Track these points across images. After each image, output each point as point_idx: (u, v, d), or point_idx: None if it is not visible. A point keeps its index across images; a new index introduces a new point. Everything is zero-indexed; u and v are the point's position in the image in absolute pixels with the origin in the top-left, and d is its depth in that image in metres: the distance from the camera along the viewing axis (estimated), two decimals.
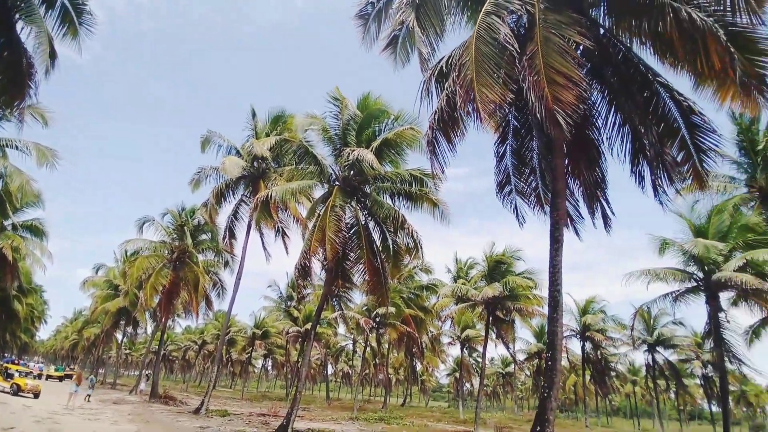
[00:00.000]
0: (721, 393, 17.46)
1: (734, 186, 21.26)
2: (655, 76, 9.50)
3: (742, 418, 69.63)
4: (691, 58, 7.97)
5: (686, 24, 7.52)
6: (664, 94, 9.46)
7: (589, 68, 9.86)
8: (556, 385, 8.43)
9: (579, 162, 10.06)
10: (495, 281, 23.97)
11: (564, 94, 7.08)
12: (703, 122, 9.19)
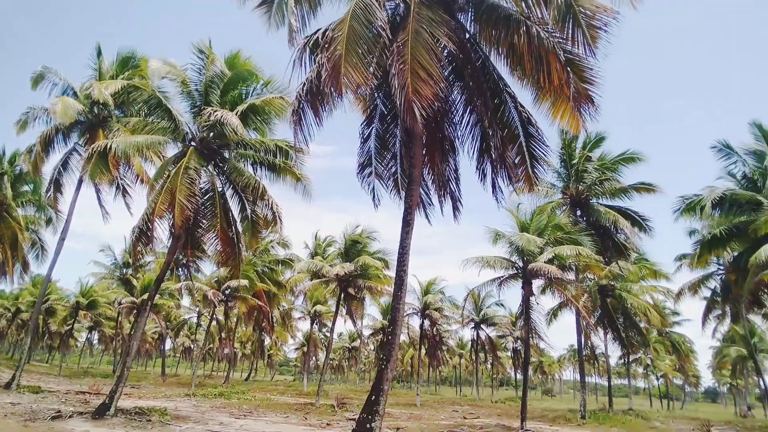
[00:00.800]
0: (524, 363, 20.83)
1: (553, 191, 25.24)
2: (505, 86, 10.66)
3: (538, 384, 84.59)
4: (535, 73, 9.07)
5: (535, 41, 8.54)
6: (510, 103, 10.68)
7: (452, 68, 10.64)
8: (394, 357, 9.10)
9: (435, 153, 10.84)
10: (350, 260, 24.74)
11: (424, 88, 7.51)
12: (537, 133, 10.64)
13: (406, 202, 9.64)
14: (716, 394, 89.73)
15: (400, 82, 7.52)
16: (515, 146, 10.67)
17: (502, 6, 9.43)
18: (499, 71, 10.59)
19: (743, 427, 26.57)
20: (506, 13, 9.12)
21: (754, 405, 54.61)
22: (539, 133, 10.57)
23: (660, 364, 53.39)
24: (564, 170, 24.95)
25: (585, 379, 26.45)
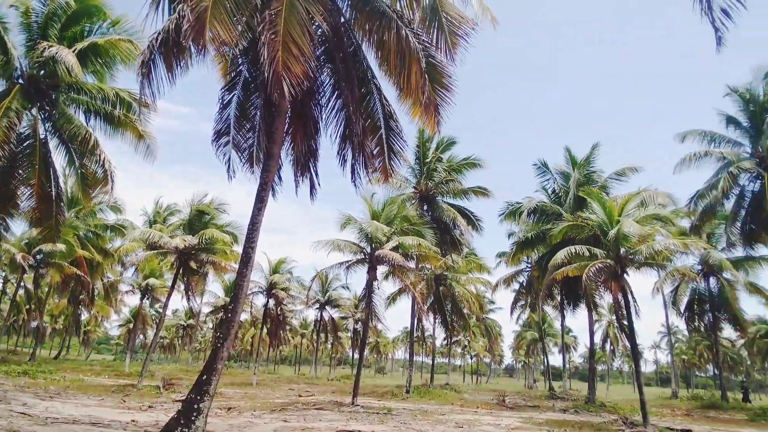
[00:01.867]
0: (361, 343, 22.08)
1: (406, 185, 27.00)
2: (373, 77, 11.00)
3: (373, 363, 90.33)
4: (399, 71, 9.55)
5: (403, 42, 8.98)
6: (375, 95, 11.07)
7: (324, 50, 10.59)
8: (232, 336, 8.81)
9: (298, 132, 10.69)
10: (195, 232, 23.04)
11: (294, 64, 7.36)
12: (397, 127, 11.23)
13: (261, 177, 9.35)
14: (513, 370, 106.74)
15: (270, 54, 7.21)
16: (376, 137, 11.10)
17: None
18: (369, 62, 10.87)
19: (527, 395, 32.30)
20: (381, 8, 9.39)
21: (538, 378, 66.53)
22: (399, 128, 11.17)
23: (475, 345, 61.60)
24: (418, 167, 26.86)
25: (413, 358, 29.14)
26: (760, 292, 26.50)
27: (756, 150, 21.02)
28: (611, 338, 56.06)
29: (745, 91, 21.07)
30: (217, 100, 10.60)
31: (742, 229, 21.90)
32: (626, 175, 23.50)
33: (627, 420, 15.79)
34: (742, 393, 31.26)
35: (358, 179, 11.59)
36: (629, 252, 15.41)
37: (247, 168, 10.75)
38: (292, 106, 9.57)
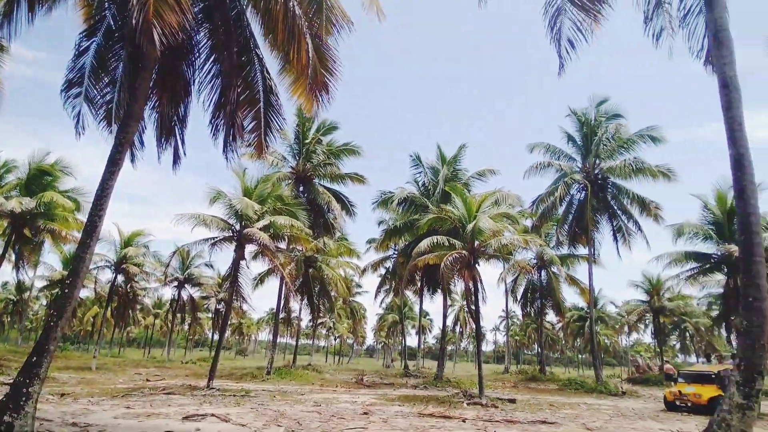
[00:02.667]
0: (222, 324, 21.17)
1: (283, 164, 26.36)
2: (256, 46, 10.46)
3: (234, 345, 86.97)
4: (284, 46, 9.27)
5: (290, 15, 8.73)
6: (257, 66, 10.56)
7: (204, 7, 9.77)
8: (67, 314, 7.78)
9: (165, 91, 9.76)
10: (32, 194, 19.62)
11: (168, 13, 6.68)
12: (276, 103, 10.87)
13: (117, 137, 8.33)
14: (374, 350, 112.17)
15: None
16: (254, 110, 10.62)
17: None
18: (253, 30, 10.32)
19: (384, 374, 34.35)
20: None
21: (395, 358, 71.01)
22: (279, 104, 10.83)
23: (340, 326, 63.18)
24: (297, 147, 26.36)
25: (277, 339, 28.82)
26: (577, 284, 31.73)
27: (584, 165, 25.04)
28: (461, 321, 62.05)
29: (582, 114, 24.88)
30: (73, 46, 9.14)
31: (569, 231, 26.01)
32: (486, 176, 26.12)
33: (467, 393, 17.81)
34: (539, 366, 37.33)
35: (230, 152, 10.98)
36: (482, 244, 17.25)
37: (104, 126, 9.50)
38: (161, 62, 8.70)
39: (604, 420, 12.65)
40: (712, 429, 6.14)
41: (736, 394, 6.15)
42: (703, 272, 20.73)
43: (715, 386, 15.48)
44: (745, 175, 6.81)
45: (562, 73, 10.80)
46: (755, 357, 6.30)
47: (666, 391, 17.09)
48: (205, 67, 10.43)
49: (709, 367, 18.49)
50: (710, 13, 7.76)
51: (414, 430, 9.18)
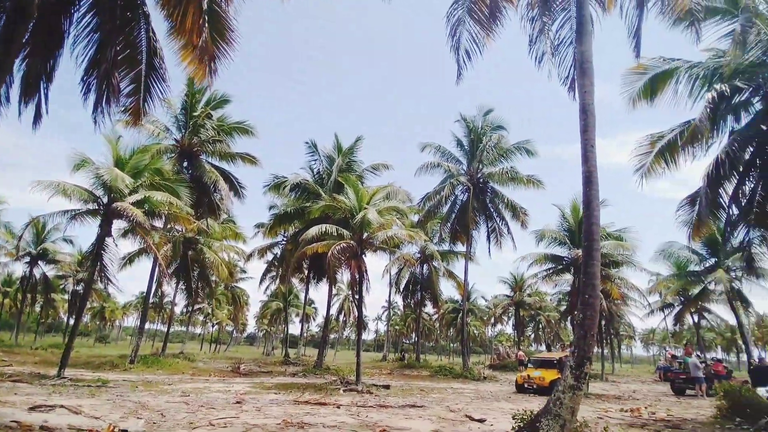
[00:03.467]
0: (80, 307, 18.84)
1: (166, 135, 24.23)
2: (143, 3, 9.46)
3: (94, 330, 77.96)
4: (177, 6, 8.53)
5: None
6: (142, 23, 9.51)
7: None
8: None
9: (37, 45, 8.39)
10: None
11: None
12: (161, 67, 9.91)
13: None
14: (255, 338, 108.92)
15: None
16: (133, 72, 9.59)
17: None
18: None
19: (263, 362, 33.64)
20: None
21: (276, 346, 69.84)
22: (163, 68, 9.90)
23: (219, 313, 60.18)
24: (183, 119, 24.38)
25: (145, 325, 26.55)
26: (454, 278, 34.19)
27: (469, 169, 27.00)
28: (345, 311, 63.10)
29: (470, 121, 26.75)
30: None
31: (451, 229, 27.87)
32: (379, 170, 26.79)
33: (344, 380, 18.23)
34: (401, 354, 39.93)
35: (101, 115, 9.81)
36: (370, 236, 17.70)
37: None
38: (40, 12, 7.48)
39: (466, 402, 13.89)
40: (549, 406, 7.11)
41: (569, 376, 7.20)
42: (557, 272, 23.77)
43: (555, 370, 17.60)
44: (592, 191, 7.95)
45: (460, 81, 11.48)
46: (586, 345, 7.44)
47: (517, 375, 19.30)
48: (84, 20, 9.15)
49: (552, 354, 21.24)
50: (579, 46, 8.86)
51: (288, 418, 9.15)
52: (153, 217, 18.61)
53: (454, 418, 10.42)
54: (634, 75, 12.67)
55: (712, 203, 12.06)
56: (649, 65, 12.58)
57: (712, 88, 11.31)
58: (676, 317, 31.65)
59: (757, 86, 11.65)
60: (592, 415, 11.90)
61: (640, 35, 9.83)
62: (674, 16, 9.99)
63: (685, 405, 16.10)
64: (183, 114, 24.35)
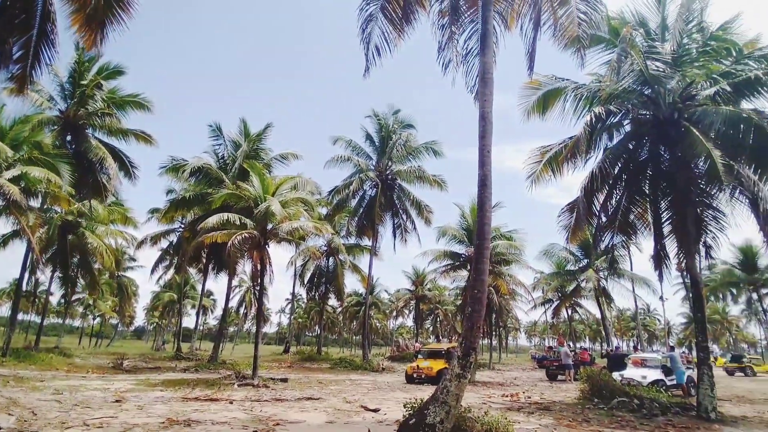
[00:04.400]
0: None
1: (51, 105, 21.46)
2: None
3: None
4: None
5: None
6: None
7: None
8: None
9: None
10: None
11: None
12: (53, 33, 8.87)
13: None
14: (143, 332, 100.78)
15: None
16: (25, 37, 8.55)
17: None
18: None
19: (152, 357, 31.34)
20: None
21: (168, 340, 65.34)
22: (54, 33, 8.86)
23: (102, 304, 54.69)
24: (70, 88, 21.71)
25: (17, 316, 23.39)
26: (359, 272, 34.68)
27: (379, 165, 27.51)
28: (247, 303, 60.95)
29: (382, 118, 27.24)
30: None
31: (358, 223, 28.21)
32: (288, 159, 26.17)
33: (239, 374, 17.60)
34: (285, 346, 40.04)
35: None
36: (275, 227, 17.26)
37: None
38: None
39: (363, 393, 14.24)
40: (437, 394, 7.57)
41: (456, 366, 7.72)
42: (455, 268, 25.22)
43: (443, 360, 18.26)
44: (486, 193, 8.57)
45: (368, 75, 11.62)
46: (472, 337, 8.03)
47: (408, 366, 19.85)
48: None
49: (440, 345, 22.32)
50: (482, 57, 9.47)
51: (173, 416, 8.66)
52: (29, 196, 16.45)
53: (349, 409, 10.64)
54: (529, 90, 13.80)
55: (587, 211, 13.60)
56: (543, 82, 13.79)
57: (592, 109, 12.76)
58: (554, 311, 35.34)
59: (627, 111, 13.36)
60: (477, 401, 12.88)
61: (534, 54, 10.77)
62: (564, 40, 10.98)
63: (556, 389, 18.08)
64: (70, 83, 21.71)
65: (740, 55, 12.12)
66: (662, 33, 12.91)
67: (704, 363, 11.39)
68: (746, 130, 10.74)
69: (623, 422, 9.97)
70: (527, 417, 10.29)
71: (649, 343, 72.27)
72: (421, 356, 20.02)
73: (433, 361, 18.67)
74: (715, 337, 66.78)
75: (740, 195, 12.04)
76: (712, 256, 13.80)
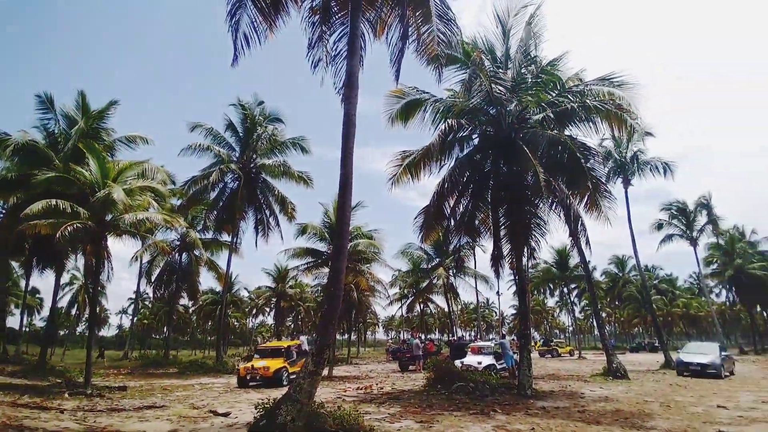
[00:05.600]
0: None
1: None
2: None
3: None
4: None
5: None
6: None
7: None
8: None
9: None
10: None
11: None
12: None
13: None
14: None
15: None
16: None
17: None
18: None
19: None
20: None
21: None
22: None
23: None
24: None
25: None
26: (216, 269, 32.67)
27: (242, 156, 26.28)
28: (80, 302, 53.07)
29: (248, 108, 26.06)
30: None
31: (217, 218, 26.58)
32: (136, 143, 23.32)
33: (70, 382, 15.30)
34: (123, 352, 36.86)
35: None
36: (116, 218, 15.32)
37: None
38: None
39: (213, 397, 13.48)
40: (289, 392, 7.57)
41: (310, 363, 7.82)
42: (317, 265, 25.25)
43: (282, 359, 17.19)
44: (346, 192, 8.84)
45: (236, 65, 11.05)
46: (327, 333, 8.21)
47: (240, 367, 17.85)
48: None
49: (280, 343, 21.01)
50: (349, 61, 9.72)
51: (7, 420, 7.30)
52: None
53: (197, 415, 10.00)
54: (394, 98, 14.59)
55: (439, 214, 14.90)
56: (407, 92, 14.69)
57: (446, 121, 14.00)
58: (409, 306, 37.82)
59: (476, 126, 14.98)
60: (332, 396, 13.16)
61: (400, 64, 11.42)
62: (426, 56, 11.86)
63: (407, 379, 19.38)
64: None
65: (563, 88, 14.43)
66: (506, 61, 14.74)
67: (525, 348, 13.33)
68: (563, 152, 12.88)
69: (460, 404, 11.15)
70: (378, 407, 10.85)
71: (487, 333, 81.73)
72: (257, 355, 18.31)
73: (271, 360, 17.09)
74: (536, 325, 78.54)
75: (557, 206, 14.37)
76: (535, 257, 16.26)
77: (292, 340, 23.19)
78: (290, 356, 17.89)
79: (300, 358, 17.77)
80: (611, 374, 18.73)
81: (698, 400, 12.31)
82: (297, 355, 18.32)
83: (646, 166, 27.96)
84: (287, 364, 17.25)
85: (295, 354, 18.37)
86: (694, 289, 67.95)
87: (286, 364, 17.24)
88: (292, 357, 17.96)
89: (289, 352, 18.12)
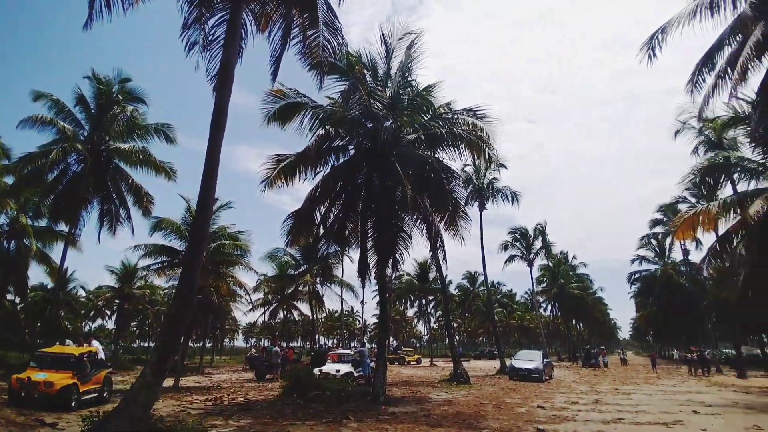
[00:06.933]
0: None
1: None
2: None
3: None
4: None
5: None
6: None
7: None
8: None
9: None
10: None
11: None
12: None
13: None
14: None
15: None
16: None
17: None
18: None
19: None
20: None
21: None
22: None
23: None
24: None
25: None
26: (48, 262, 27.91)
27: (92, 137, 22.94)
28: None
29: (105, 83, 22.91)
30: None
31: (54, 203, 22.74)
32: None
33: None
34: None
35: None
36: None
37: None
38: None
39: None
40: (121, 405, 6.70)
41: (148, 373, 7.02)
42: (172, 266, 23.00)
43: (72, 372, 11.83)
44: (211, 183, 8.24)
45: (89, 29, 9.67)
46: (173, 339, 7.50)
47: (12, 377, 11.86)
48: None
49: (70, 349, 13.81)
50: (226, 50, 9.19)
51: None
52: None
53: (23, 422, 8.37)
54: (273, 97, 14.15)
55: (310, 220, 14.78)
56: (287, 93, 14.35)
57: (324, 128, 14.04)
58: (272, 312, 36.65)
59: (352, 137, 15.28)
60: (176, 408, 12.04)
61: (279, 63, 11.14)
62: (310, 61, 11.76)
63: (263, 388, 18.65)
64: None
65: (435, 113, 15.52)
66: (386, 80, 15.36)
67: (380, 356, 13.82)
68: (430, 173, 13.81)
69: (314, 412, 11.06)
70: (226, 420, 10.22)
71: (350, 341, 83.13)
72: (34, 364, 12.25)
73: (55, 372, 11.60)
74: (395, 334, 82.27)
75: (421, 222, 15.31)
76: (399, 269, 17.05)
77: (81, 345, 15.34)
78: (82, 369, 12.34)
79: (96, 371, 13.04)
80: (456, 379, 20.45)
81: (523, 401, 14.03)
82: (92, 368, 12.96)
83: (498, 194, 31.58)
84: (77, 380, 11.94)
85: (89, 366, 12.82)
86: (528, 303, 78.08)
87: (76, 380, 11.93)
88: (85, 370, 12.48)
89: (80, 363, 12.33)
